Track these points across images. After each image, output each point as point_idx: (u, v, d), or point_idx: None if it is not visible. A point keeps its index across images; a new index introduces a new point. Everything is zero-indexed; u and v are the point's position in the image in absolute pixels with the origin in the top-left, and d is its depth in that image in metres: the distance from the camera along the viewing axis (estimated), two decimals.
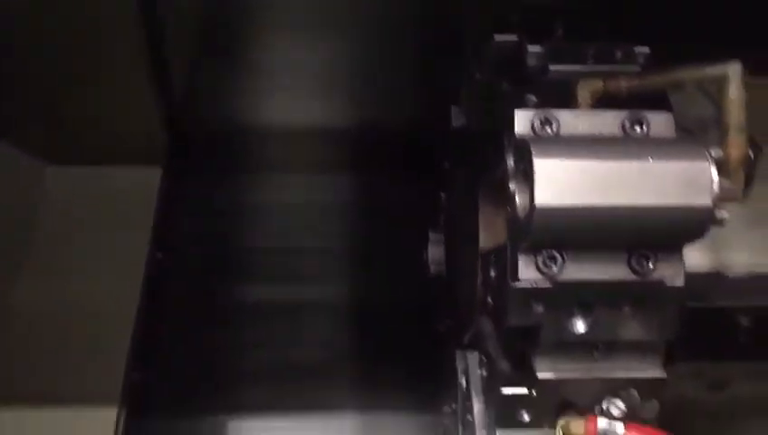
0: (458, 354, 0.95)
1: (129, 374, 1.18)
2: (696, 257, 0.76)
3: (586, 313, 0.71)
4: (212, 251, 1.37)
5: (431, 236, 1.15)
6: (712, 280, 0.76)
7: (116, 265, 1.29)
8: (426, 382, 1.16)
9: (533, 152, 0.63)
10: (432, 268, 1.14)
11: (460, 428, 0.94)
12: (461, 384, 0.94)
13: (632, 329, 0.71)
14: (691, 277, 0.72)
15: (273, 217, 1.41)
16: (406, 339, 1.25)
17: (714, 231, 0.74)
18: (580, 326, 0.71)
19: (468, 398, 0.89)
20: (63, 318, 1.23)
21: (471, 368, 0.90)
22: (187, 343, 1.28)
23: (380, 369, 1.23)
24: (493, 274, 0.77)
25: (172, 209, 1.39)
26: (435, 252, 1.13)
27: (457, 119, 0.99)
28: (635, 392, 0.73)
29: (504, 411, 0.76)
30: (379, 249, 1.36)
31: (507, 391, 0.75)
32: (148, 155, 1.41)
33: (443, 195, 1.11)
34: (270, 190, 1.45)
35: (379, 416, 1.17)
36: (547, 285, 0.68)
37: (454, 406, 0.97)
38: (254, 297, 1.33)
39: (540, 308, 0.70)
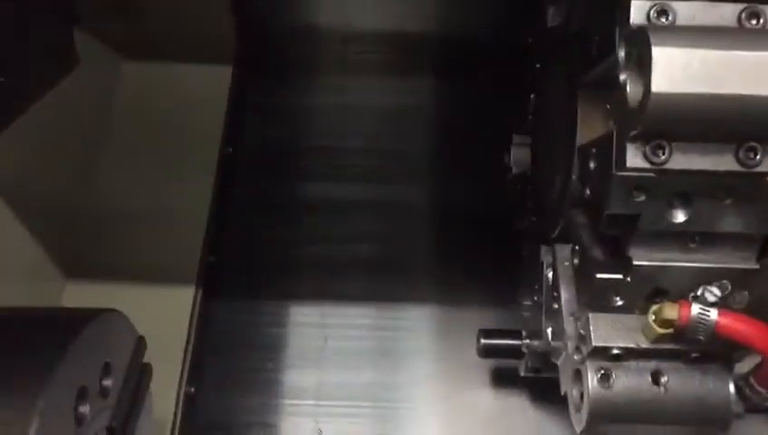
0: (543, 249, 0.99)
1: (203, 258, 1.23)
2: None
3: (686, 203, 0.73)
4: (292, 149, 1.40)
5: (515, 138, 1.17)
6: None
7: (187, 161, 1.32)
8: (505, 277, 1.20)
9: (652, 40, 0.65)
10: (514, 169, 1.17)
11: (543, 317, 0.98)
12: (546, 277, 0.97)
13: (731, 221, 0.73)
14: None
15: (351, 119, 1.42)
16: (484, 236, 1.27)
17: None
18: (679, 216, 0.73)
19: (556, 288, 0.93)
20: (139, 212, 1.27)
21: (559, 260, 0.93)
22: (259, 233, 1.32)
23: (457, 264, 1.25)
24: (592, 165, 0.80)
25: (242, 107, 1.41)
26: (518, 153, 1.15)
27: (554, 18, 1.00)
28: (727, 283, 0.76)
29: (597, 296, 0.79)
30: (458, 153, 1.38)
31: (602, 276, 0.79)
32: (220, 54, 1.43)
33: (532, 96, 1.13)
34: (346, 93, 1.46)
35: (456, 309, 1.20)
36: (652, 174, 0.71)
37: (536, 298, 1.01)
38: (329, 195, 1.36)
39: (641, 197, 0.72)
